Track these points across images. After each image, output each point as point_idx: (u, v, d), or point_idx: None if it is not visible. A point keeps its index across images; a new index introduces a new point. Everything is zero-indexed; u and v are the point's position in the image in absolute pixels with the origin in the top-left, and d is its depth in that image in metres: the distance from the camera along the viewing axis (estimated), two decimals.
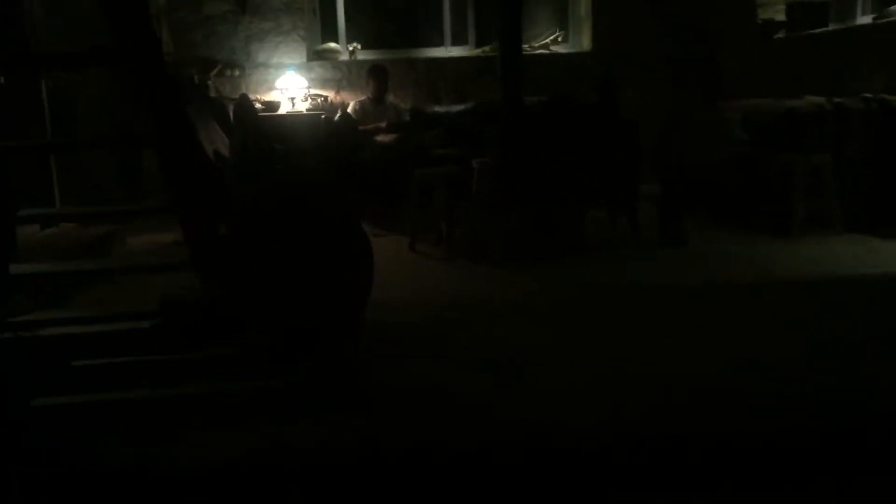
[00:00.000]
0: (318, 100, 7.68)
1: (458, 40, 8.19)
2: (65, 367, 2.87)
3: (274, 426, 2.52)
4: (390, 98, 7.64)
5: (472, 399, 2.81)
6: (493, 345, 3.48)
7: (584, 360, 3.23)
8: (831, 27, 6.93)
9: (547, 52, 8.04)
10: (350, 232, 3.18)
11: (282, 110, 7.54)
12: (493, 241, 5.07)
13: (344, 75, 7.85)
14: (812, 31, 6.95)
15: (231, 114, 7.20)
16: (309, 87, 7.69)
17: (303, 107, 7.59)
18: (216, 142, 6.30)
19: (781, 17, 7.39)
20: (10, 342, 2.80)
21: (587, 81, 6.05)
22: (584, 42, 8.10)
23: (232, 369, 2.64)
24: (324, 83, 7.83)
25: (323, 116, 7.27)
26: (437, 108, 7.64)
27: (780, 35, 7.36)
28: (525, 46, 7.27)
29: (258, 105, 7.52)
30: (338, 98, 7.82)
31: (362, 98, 7.45)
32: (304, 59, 7.81)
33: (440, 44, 8.17)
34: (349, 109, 7.29)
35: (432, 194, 5.42)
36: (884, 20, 6.19)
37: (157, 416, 2.62)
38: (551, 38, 8.11)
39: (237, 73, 7.71)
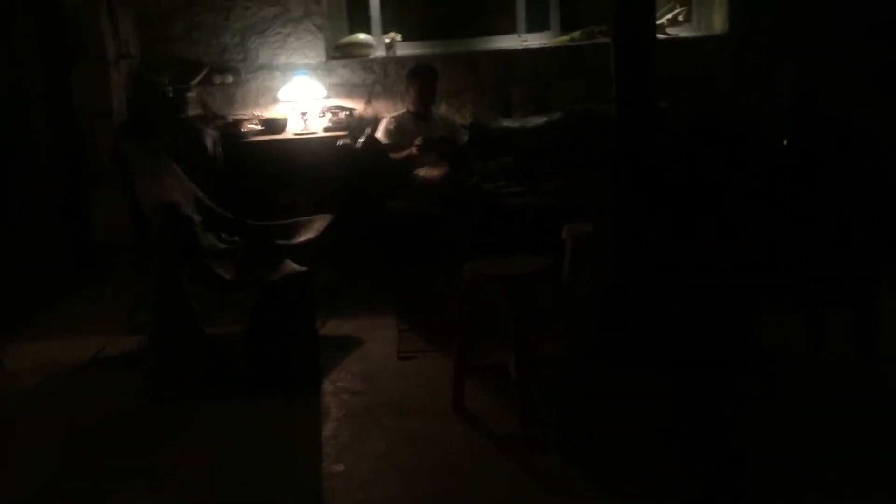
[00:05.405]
0: (341, 114, 5.47)
1: (535, 24, 5.86)
2: None
3: None
4: (441, 110, 5.42)
5: None
6: None
7: None
8: None
9: (663, 36, 5.66)
10: None
11: (288, 132, 5.36)
12: (617, 435, 2.75)
13: (378, 78, 5.63)
14: None
15: (209, 142, 5.07)
16: (328, 97, 5.49)
17: (319, 125, 5.40)
18: (170, 192, 4.12)
19: None
20: None
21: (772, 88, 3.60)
22: (717, 22, 5.70)
23: None
24: (350, 91, 5.62)
25: (339, 143, 5.04)
26: (508, 123, 5.40)
27: None
28: None
29: (257, 126, 5.37)
30: (369, 111, 5.60)
31: (400, 112, 5.23)
32: (323, 58, 5.61)
33: (511, 30, 5.85)
34: (380, 131, 5.07)
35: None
36: None
37: None
38: (669, 16, 5.73)
39: (229, 79, 5.57)
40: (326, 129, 5.37)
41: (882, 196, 3.04)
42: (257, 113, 5.49)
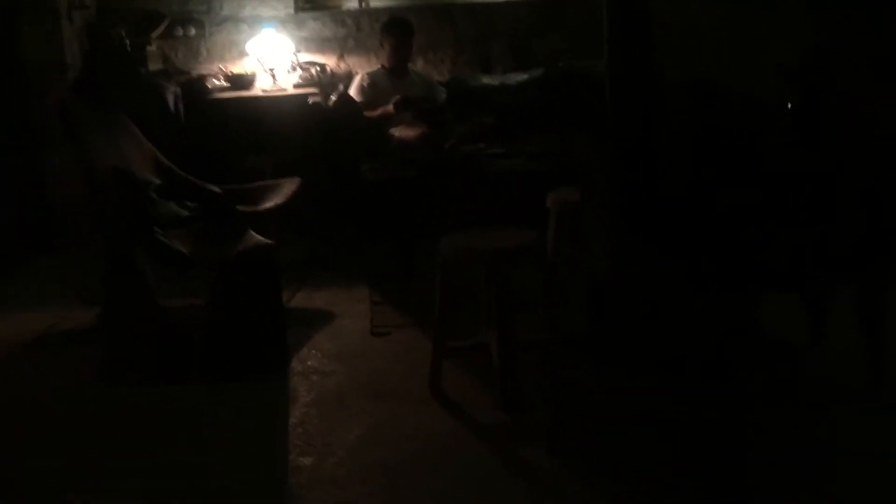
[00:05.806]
0: (313, 70, 5.18)
1: None
2: None
3: None
4: (417, 67, 5.14)
5: None
6: None
7: None
8: None
9: None
10: None
11: (256, 88, 5.06)
12: (612, 432, 2.52)
13: (350, 32, 5.35)
14: None
15: (170, 99, 4.77)
16: (298, 52, 5.19)
17: (289, 82, 5.10)
18: (131, 157, 3.84)
19: None
20: None
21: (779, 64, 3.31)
22: None
23: None
24: (321, 45, 5.34)
25: (310, 101, 4.75)
26: (487, 80, 5.15)
27: None
28: None
29: (222, 82, 5.06)
30: (341, 67, 5.32)
31: (375, 68, 4.94)
32: (291, 10, 5.30)
33: None
34: (353, 88, 4.80)
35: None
36: None
37: None
38: None
39: (192, 31, 5.26)
40: (296, 86, 5.10)
41: (883, 174, 2.82)
42: (224, 67, 5.18)
